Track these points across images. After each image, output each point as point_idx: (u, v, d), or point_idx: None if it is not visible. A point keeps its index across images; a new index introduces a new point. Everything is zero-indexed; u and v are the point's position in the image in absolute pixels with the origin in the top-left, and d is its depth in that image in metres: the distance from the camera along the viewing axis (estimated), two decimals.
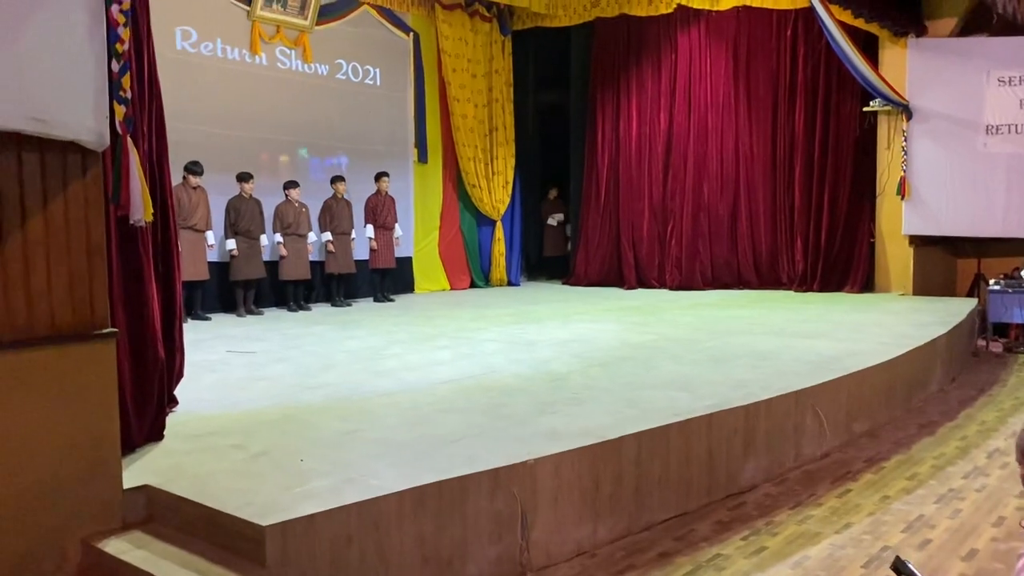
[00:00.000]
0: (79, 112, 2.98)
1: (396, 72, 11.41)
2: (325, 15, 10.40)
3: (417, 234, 11.62)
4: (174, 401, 4.54)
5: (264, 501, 3.15)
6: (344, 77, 10.79)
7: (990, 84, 10.23)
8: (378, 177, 10.44)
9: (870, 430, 5.81)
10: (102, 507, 3.23)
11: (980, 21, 10.46)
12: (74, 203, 3.12)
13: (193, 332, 6.84)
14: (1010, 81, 10.14)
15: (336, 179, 10.06)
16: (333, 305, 9.92)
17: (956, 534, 4.01)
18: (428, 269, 11.85)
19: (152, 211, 3.41)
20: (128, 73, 3.22)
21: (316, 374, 5.77)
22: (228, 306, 9.26)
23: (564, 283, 12.95)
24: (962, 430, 5.96)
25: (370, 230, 10.29)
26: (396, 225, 10.58)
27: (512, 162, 12.64)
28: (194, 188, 8.63)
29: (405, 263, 11.29)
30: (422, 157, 11.72)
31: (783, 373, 5.53)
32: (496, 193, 12.48)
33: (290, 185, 9.56)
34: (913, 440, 5.68)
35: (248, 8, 9.63)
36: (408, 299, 10.81)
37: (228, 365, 6.15)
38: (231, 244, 8.99)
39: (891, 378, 6.17)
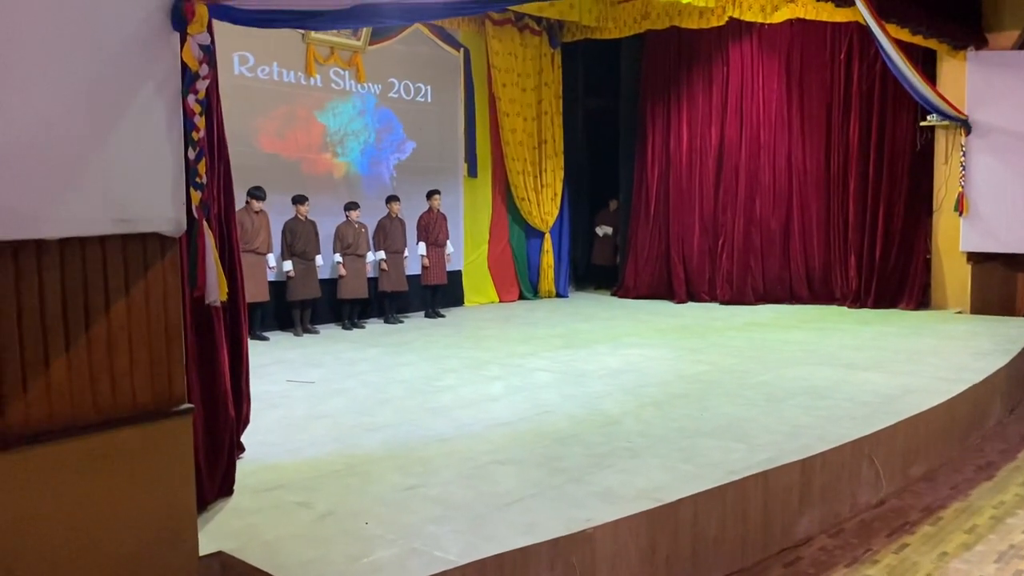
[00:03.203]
0: (159, 205, 3.12)
1: (447, 88, 11.52)
2: (377, 35, 10.55)
3: (467, 248, 11.74)
4: (241, 448, 4.70)
5: (332, 574, 3.27)
6: (396, 95, 10.92)
7: None
8: (430, 195, 10.58)
9: (926, 473, 5.76)
10: None
11: None
12: (154, 287, 3.26)
13: (253, 356, 7.02)
14: None
15: (391, 199, 10.23)
16: (385, 322, 10.08)
17: None
18: (477, 282, 11.98)
19: (227, 291, 3.54)
20: (203, 159, 3.34)
21: (373, 410, 5.91)
22: (284, 324, 9.50)
23: (613, 294, 12.97)
24: (1022, 473, 5.87)
25: (422, 248, 10.46)
26: (448, 241, 10.73)
27: (561, 174, 12.68)
28: (256, 212, 8.85)
29: (455, 276, 11.42)
30: (472, 172, 11.83)
31: (839, 418, 5.51)
32: (545, 205, 12.54)
33: (350, 207, 9.74)
34: (971, 485, 5.61)
35: (303, 32, 9.79)
36: (458, 313, 10.94)
37: (288, 399, 6.32)
38: (288, 265, 9.19)
39: (949, 418, 6.10)
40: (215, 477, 4.07)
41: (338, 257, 9.64)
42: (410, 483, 4.33)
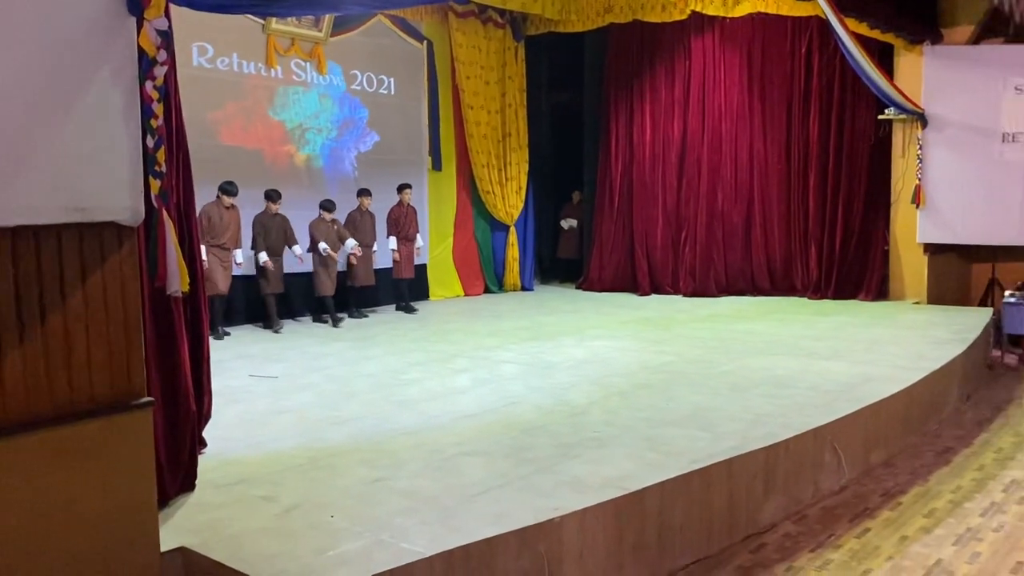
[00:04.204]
0: (116, 193, 3.05)
1: (410, 81, 11.44)
2: (339, 26, 10.42)
3: (432, 241, 11.67)
4: (203, 443, 4.63)
5: (298, 569, 3.23)
6: (359, 88, 10.82)
7: (1007, 92, 10.20)
8: (400, 189, 10.52)
9: (887, 460, 5.85)
10: (141, 572, 3.31)
11: (997, 28, 10.42)
12: (111, 278, 3.19)
13: (214, 351, 6.91)
14: None
15: (362, 192, 10.13)
16: (350, 316, 9.99)
17: None
18: (443, 276, 11.93)
19: (188, 281, 3.48)
20: (162, 147, 3.27)
21: (338, 404, 5.85)
22: (252, 318, 9.37)
23: (578, 287, 13.01)
24: (978, 458, 6.00)
25: (393, 242, 10.40)
26: (417, 235, 10.68)
27: (525, 167, 12.67)
28: (227, 208, 8.70)
29: (420, 270, 11.34)
30: (436, 165, 11.77)
31: (801, 405, 5.58)
32: (509, 199, 12.52)
33: (327, 206, 9.62)
34: (930, 470, 5.72)
35: (263, 22, 9.65)
36: (423, 307, 10.88)
37: (251, 394, 6.24)
38: (264, 256, 9.01)
39: (908, 405, 6.21)
40: (176, 472, 4.00)
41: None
42: (376, 476, 4.30)
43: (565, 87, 13.80)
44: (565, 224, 13.88)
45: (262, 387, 6.47)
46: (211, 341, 7.93)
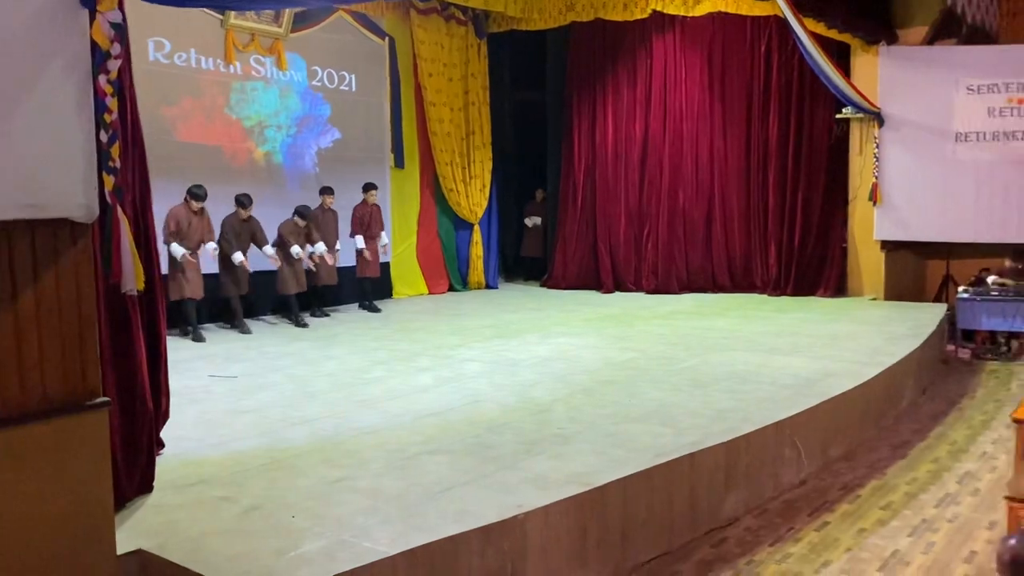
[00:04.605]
0: (69, 189, 2.98)
1: (372, 77, 11.37)
2: (300, 22, 10.32)
3: (395, 239, 11.61)
4: (160, 443, 4.55)
5: (259, 570, 3.19)
6: (320, 84, 10.73)
7: (959, 92, 10.43)
8: (366, 188, 10.45)
9: (845, 453, 5.95)
10: None
11: (949, 30, 10.64)
12: (65, 276, 3.11)
13: (174, 351, 6.82)
14: (978, 89, 10.35)
15: (325, 190, 10.04)
16: (312, 315, 9.89)
17: (930, 571, 4.15)
18: (406, 274, 11.87)
19: (143, 279, 3.41)
20: (117, 142, 3.21)
21: (299, 404, 5.79)
22: (213, 317, 9.23)
23: (542, 285, 13.03)
24: (933, 451, 6.12)
25: (360, 241, 10.32)
26: (382, 233, 10.61)
27: (489, 165, 12.66)
28: (196, 212, 8.54)
29: (383, 268, 11.26)
30: (399, 162, 11.71)
31: (762, 400, 5.64)
32: (473, 197, 12.50)
33: (302, 212, 9.52)
34: (887, 463, 5.82)
35: (222, 17, 9.51)
36: (387, 306, 10.81)
37: (210, 394, 6.15)
38: (240, 256, 8.85)
39: (866, 399, 6.31)
40: (133, 473, 3.92)
41: (297, 251, 9.32)
42: (338, 475, 4.26)
43: (528, 85, 13.81)
44: (529, 222, 13.89)
45: (222, 387, 6.38)
46: (190, 343, 8.02)
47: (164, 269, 8.33)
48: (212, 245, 8.70)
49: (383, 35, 11.43)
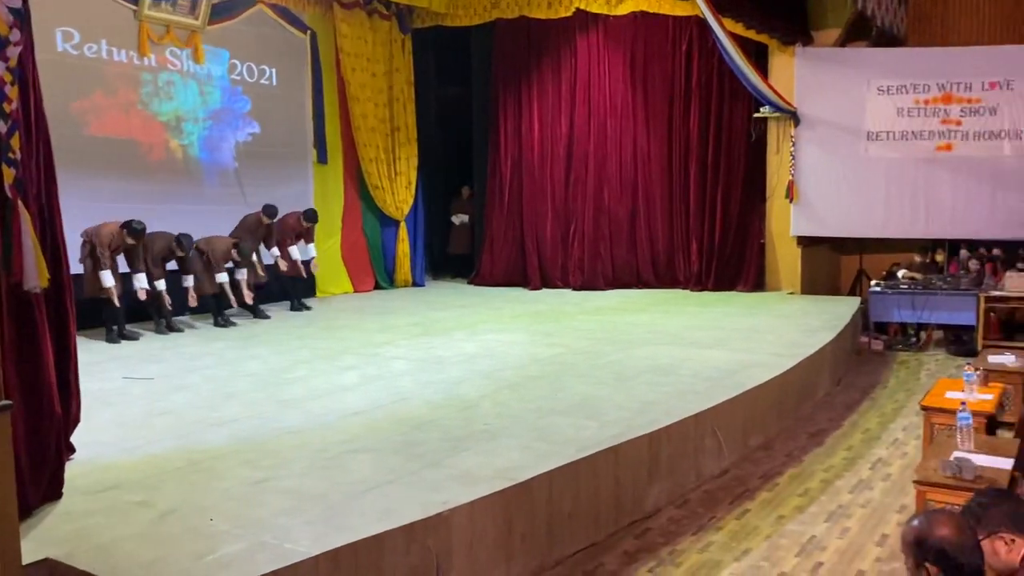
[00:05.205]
0: None
1: (293, 71, 11.15)
2: (217, 14, 10.04)
3: (319, 237, 11.37)
4: (71, 449, 4.38)
5: (174, 575, 3.09)
6: (239, 77, 10.47)
7: (870, 92, 10.78)
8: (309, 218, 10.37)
9: (764, 443, 6.10)
10: None
11: (861, 32, 11.01)
12: None
13: (86, 353, 6.58)
14: (888, 90, 10.72)
15: (268, 210, 9.77)
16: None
17: (844, 555, 4.29)
18: (331, 272, 11.66)
19: (48, 276, 3.26)
20: (17, 132, 3.06)
21: (219, 405, 5.64)
22: (131, 318, 8.89)
23: (469, 282, 13.00)
24: (848, 439, 6.33)
25: (295, 252, 10.16)
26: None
27: (415, 162, 12.55)
28: (132, 244, 8.27)
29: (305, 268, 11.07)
30: (322, 158, 11.51)
31: (683, 392, 5.74)
32: (399, 193, 12.39)
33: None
34: (804, 452, 6.00)
35: (135, 8, 9.20)
36: (311, 304, 10.61)
37: (125, 396, 5.95)
38: (142, 280, 8.57)
39: (783, 390, 6.49)
40: (40, 480, 3.76)
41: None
42: (259, 477, 4.16)
43: (453, 81, 13.75)
44: (456, 220, 13.85)
45: (137, 389, 6.17)
46: (89, 343, 7.72)
47: (77, 267, 8.10)
48: (142, 276, 8.45)
49: (305, 29, 11.23)
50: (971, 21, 12.47)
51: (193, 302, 8.82)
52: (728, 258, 11.40)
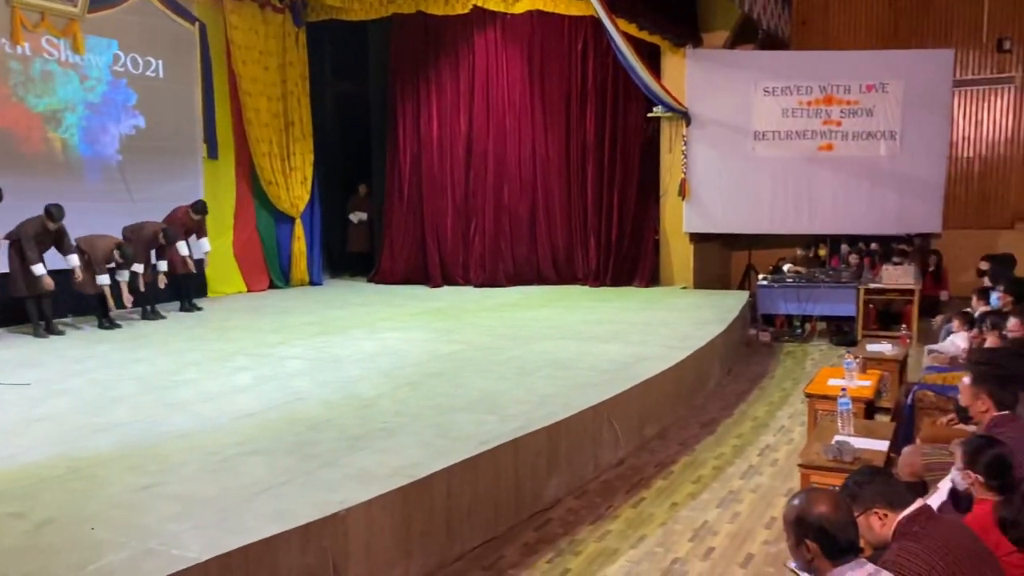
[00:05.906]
0: None
1: (181, 63, 10.75)
2: (99, 3, 9.59)
3: (209, 234, 11.01)
4: None
5: None
6: (122, 69, 10.03)
7: (757, 93, 11.19)
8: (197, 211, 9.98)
9: (659, 433, 6.26)
10: None
11: (748, 35, 11.42)
12: None
13: None
14: (773, 91, 11.15)
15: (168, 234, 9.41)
16: (143, 317, 9.24)
17: (735, 539, 4.43)
18: (223, 271, 11.31)
19: None
20: None
21: (102, 410, 5.39)
22: (5, 322, 8.41)
23: (369, 280, 12.85)
24: (738, 427, 6.55)
25: (183, 247, 9.70)
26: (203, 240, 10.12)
27: (310, 157, 12.31)
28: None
29: (197, 265, 10.68)
30: (212, 153, 11.15)
31: (581, 385, 5.82)
32: (294, 190, 12.13)
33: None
34: (696, 440, 6.18)
35: None
36: (202, 305, 10.26)
37: None
38: (74, 260, 8.34)
39: (677, 381, 6.67)
40: None
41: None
42: (145, 482, 3.99)
43: (350, 76, 13.56)
44: (354, 218, 13.66)
45: (12, 395, 5.82)
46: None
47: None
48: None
49: (193, 20, 10.84)
50: (850, 27, 13.14)
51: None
52: (625, 255, 11.64)
